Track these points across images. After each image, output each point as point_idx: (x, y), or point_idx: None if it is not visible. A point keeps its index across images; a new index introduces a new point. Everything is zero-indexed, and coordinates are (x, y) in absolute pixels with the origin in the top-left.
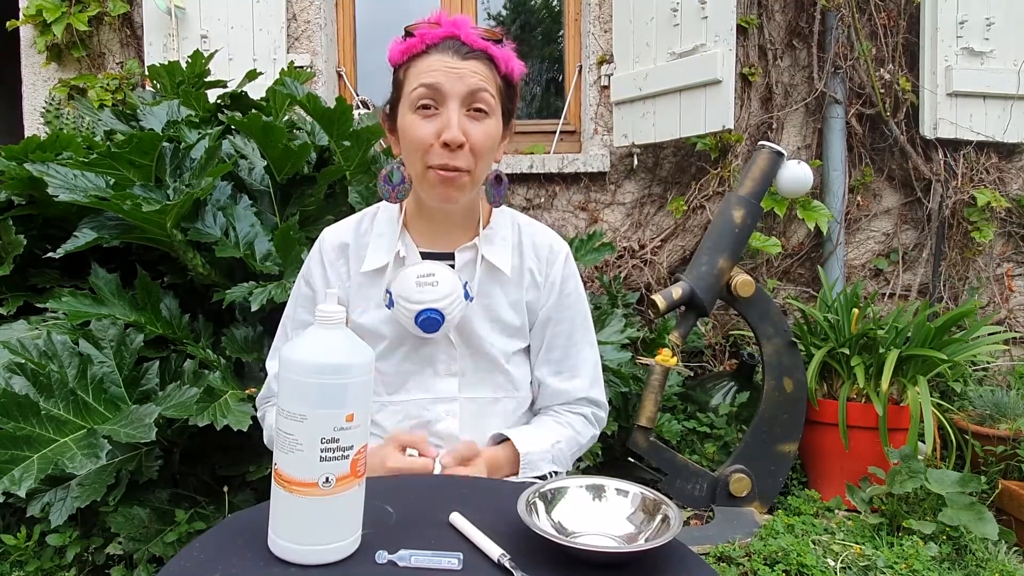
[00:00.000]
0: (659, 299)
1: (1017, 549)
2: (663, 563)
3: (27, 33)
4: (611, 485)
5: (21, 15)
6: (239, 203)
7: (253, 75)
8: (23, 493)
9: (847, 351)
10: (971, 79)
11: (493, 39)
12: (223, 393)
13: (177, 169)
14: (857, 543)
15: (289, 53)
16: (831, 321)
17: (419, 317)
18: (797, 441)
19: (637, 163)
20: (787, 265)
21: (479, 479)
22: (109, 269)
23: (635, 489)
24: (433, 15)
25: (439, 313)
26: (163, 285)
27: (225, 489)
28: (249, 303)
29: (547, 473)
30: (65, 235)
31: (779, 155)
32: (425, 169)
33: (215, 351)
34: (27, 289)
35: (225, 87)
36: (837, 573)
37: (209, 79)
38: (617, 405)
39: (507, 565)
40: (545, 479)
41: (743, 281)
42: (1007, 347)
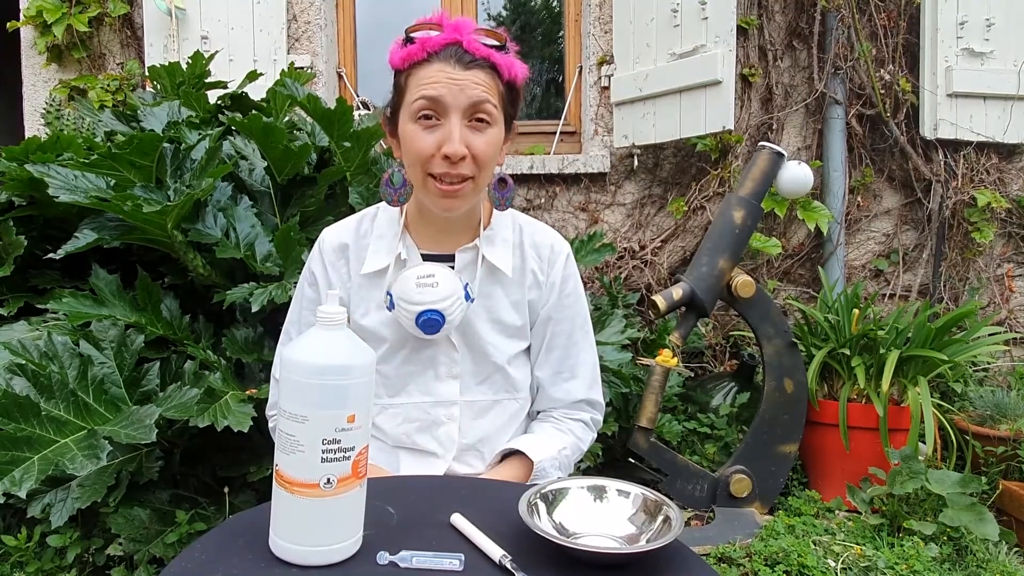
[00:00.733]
0: (659, 300)
1: (1018, 550)
2: (664, 564)
3: (27, 34)
4: (612, 486)
5: (21, 16)
6: (240, 204)
7: (253, 76)
8: (24, 494)
9: (847, 352)
10: (971, 80)
11: (496, 45)
12: (223, 394)
13: (178, 170)
14: (858, 544)
15: (289, 54)
16: (831, 322)
17: (419, 318)
18: (798, 442)
19: (637, 164)
20: (787, 266)
21: (480, 479)
22: (110, 270)
23: (636, 490)
24: (435, 15)
25: (440, 314)
26: (164, 286)
27: (226, 490)
28: (250, 304)
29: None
30: (66, 236)
31: (779, 156)
32: (426, 177)
33: (215, 352)
34: (28, 290)
35: (225, 88)
36: (838, 574)
37: (209, 80)
38: (617, 406)
39: (508, 566)
40: None
41: (743, 282)
42: (1007, 348)
